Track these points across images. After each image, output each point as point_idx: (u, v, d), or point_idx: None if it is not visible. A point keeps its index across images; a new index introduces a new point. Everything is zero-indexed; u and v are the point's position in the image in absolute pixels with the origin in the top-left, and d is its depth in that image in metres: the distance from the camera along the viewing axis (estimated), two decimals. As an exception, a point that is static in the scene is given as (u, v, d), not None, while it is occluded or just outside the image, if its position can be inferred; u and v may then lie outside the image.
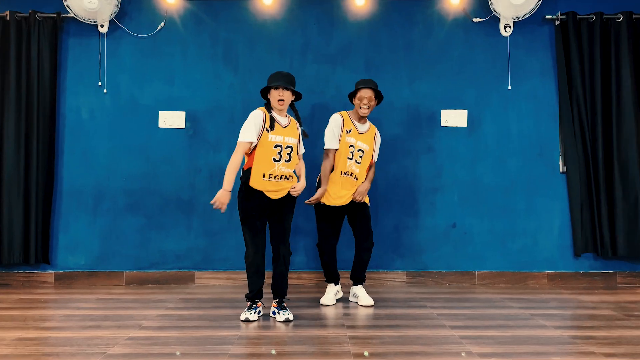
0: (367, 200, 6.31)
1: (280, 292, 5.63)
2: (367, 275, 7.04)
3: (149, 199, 7.26)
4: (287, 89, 5.53)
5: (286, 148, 5.51)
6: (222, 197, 5.34)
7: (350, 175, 6.18)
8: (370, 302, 6.16)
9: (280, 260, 5.60)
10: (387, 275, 7.28)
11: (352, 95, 6.29)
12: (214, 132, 7.26)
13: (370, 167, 6.38)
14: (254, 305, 5.55)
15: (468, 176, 7.33)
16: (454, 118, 7.33)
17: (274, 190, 5.50)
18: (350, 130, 6.19)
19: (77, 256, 7.23)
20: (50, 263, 7.20)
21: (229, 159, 5.39)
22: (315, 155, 6.83)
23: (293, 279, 7.08)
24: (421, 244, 7.31)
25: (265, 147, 5.44)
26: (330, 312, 5.76)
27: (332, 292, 6.31)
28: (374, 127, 6.42)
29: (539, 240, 7.30)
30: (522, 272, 7.29)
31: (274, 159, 5.45)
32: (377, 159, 6.60)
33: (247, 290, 6.13)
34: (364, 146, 6.24)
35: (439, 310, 5.81)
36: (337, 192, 6.14)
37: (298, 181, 5.71)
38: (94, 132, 7.27)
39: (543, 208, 7.32)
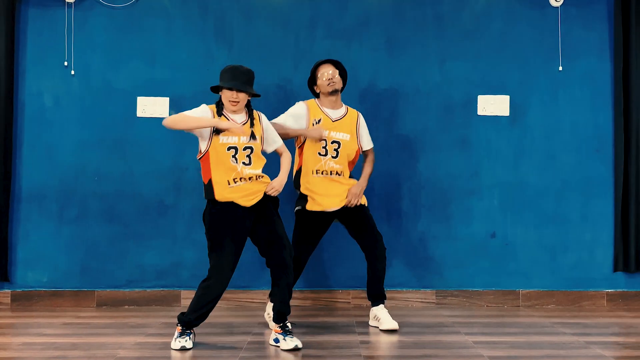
0: (364, 201, 6.33)
1: (285, 313, 5.59)
2: (388, 294, 7.03)
3: (125, 204, 7.27)
4: (241, 91, 5.55)
5: (244, 150, 5.53)
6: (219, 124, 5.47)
7: (330, 174, 6.20)
8: (395, 325, 6.15)
9: (283, 271, 5.56)
10: (412, 295, 7.28)
11: (311, 81, 6.38)
12: (203, 123, 7.26)
13: (365, 157, 6.38)
14: (189, 331, 5.53)
15: (510, 176, 7.33)
16: (493, 105, 7.34)
17: (246, 196, 5.51)
18: (319, 120, 6.23)
19: (38, 272, 7.23)
20: (8, 280, 7.21)
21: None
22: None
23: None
24: (454, 258, 7.31)
25: (218, 151, 5.50)
26: (344, 340, 5.76)
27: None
28: (353, 110, 6.45)
29: (596, 254, 7.30)
30: (576, 291, 7.29)
31: (233, 162, 5.49)
32: (374, 145, 6.62)
33: (238, 313, 6.07)
34: (341, 136, 6.25)
35: (475, 337, 5.81)
36: (324, 191, 6.16)
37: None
38: (59, 123, 7.28)
39: (601, 215, 7.31)
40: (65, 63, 7.27)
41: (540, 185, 7.32)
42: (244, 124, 5.58)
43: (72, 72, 7.28)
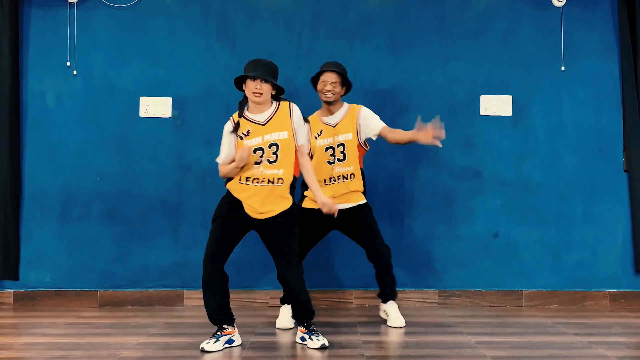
0: (359, 197, 6.34)
1: (303, 317, 5.63)
2: (391, 295, 7.07)
3: (128, 204, 7.27)
4: (266, 81, 5.49)
5: (270, 147, 5.50)
6: (242, 153, 5.39)
7: (340, 179, 6.22)
8: (401, 323, 6.21)
9: (293, 292, 5.61)
10: (415, 295, 7.28)
11: (314, 80, 6.36)
12: (206, 123, 7.26)
13: (386, 137, 6.35)
14: (218, 333, 5.51)
15: (513, 176, 7.33)
16: (496, 105, 7.33)
17: (255, 208, 5.49)
18: (320, 132, 6.25)
19: (41, 272, 7.24)
20: (18, 279, 7.22)
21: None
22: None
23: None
24: (456, 258, 7.31)
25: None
26: (347, 340, 5.75)
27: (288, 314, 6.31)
28: (352, 105, 6.41)
29: (599, 254, 7.29)
30: (579, 291, 7.28)
31: (256, 162, 5.47)
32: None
33: (240, 313, 6.07)
34: (344, 137, 6.25)
35: (478, 338, 5.80)
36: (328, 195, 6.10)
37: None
38: (62, 123, 7.29)
39: (605, 215, 7.31)
40: (68, 63, 7.27)
41: (543, 185, 7.31)
42: (267, 122, 5.54)
43: (75, 72, 7.28)
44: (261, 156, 5.45)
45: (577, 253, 7.29)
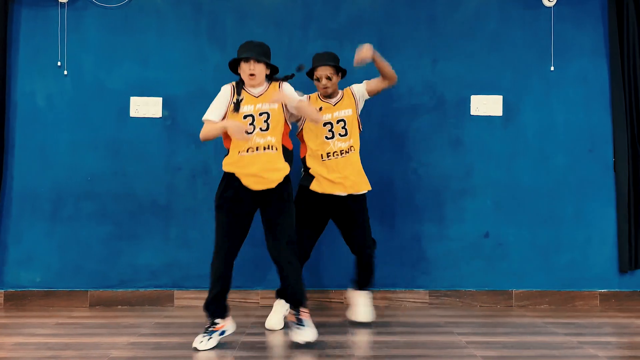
0: (364, 186, 6.38)
1: (291, 299, 5.65)
2: (380, 294, 7.07)
3: (118, 204, 7.26)
4: (259, 61, 5.59)
5: (260, 115, 5.57)
6: (236, 129, 5.39)
7: (340, 154, 6.21)
8: (368, 318, 6.30)
9: (281, 269, 5.65)
10: (405, 295, 7.28)
11: (310, 74, 6.43)
12: (196, 123, 7.17)
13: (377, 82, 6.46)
14: (210, 329, 5.53)
15: (504, 176, 7.33)
16: (486, 105, 7.34)
17: (252, 174, 5.52)
18: (320, 109, 6.27)
19: (31, 272, 7.23)
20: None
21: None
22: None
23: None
24: (447, 258, 7.32)
25: (234, 120, 5.53)
26: (337, 340, 5.75)
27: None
28: (347, 88, 6.49)
29: (589, 254, 7.31)
30: (569, 291, 7.30)
31: (247, 132, 5.48)
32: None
33: (232, 313, 6.01)
34: (344, 113, 6.32)
35: (468, 338, 5.82)
36: (333, 176, 6.21)
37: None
38: (52, 123, 7.27)
39: (595, 215, 7.33)
40: (59, 63, 7.26)
41: (533, 185, 7.32)
42: (260, 95, 5.63)
43: (65, 72, 7.27)
44: (251, 123, 5.52)
45: (567, 253, 7.30)
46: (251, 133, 5.51)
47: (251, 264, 7.00)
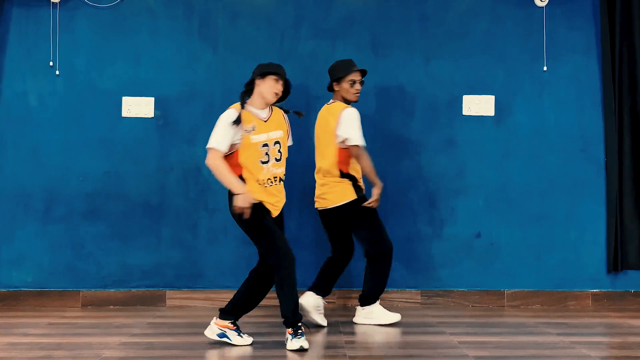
0: (345, 198, 6.43)
1: (286, 316, 5.58)
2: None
3: (110, 204, 7.24)
4: (285, 84, 5.67)
5: (274, 144, 5.58)
6: (243, 200, 5.34)
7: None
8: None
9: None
10: (397, 295, 7.29)
11: (339, 80, 6.42)
12: (188, 123, 7.25)
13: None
14: (300, 331, 5.48)
15: (496, 176, 7.34)
16: (478, 105, 7.34)
17: (271, 203, 5.59)
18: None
19: (23, 272, 7.21)
20: (-10, 280, 7.21)
21: (206, 154, 5.40)
22: (303, 159, 6.89)
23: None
24: (439, 258, 7.32)
25: (250, 149, 5.48)
26: (330, 340, 5.75)
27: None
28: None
29: (581, 254, 7.31)
30: (561, 291, 7.31)
31: (262, 162, 5.49)
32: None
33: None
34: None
35: (460, 338, 5.82)
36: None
37: None
38: (44, 123, 7.26)
39: (587, 215, 7.33)
40: (51, 63, 7.24)
41: (525, 185, 7.32)
42: (267, 119, 5.62)
43: (57, 72, 7.25)
44: (266, 153, 5.51)
45: (559, 253, 7.30)
46: (266, 163, 5.52)
47: (242, 265, 6.95)
